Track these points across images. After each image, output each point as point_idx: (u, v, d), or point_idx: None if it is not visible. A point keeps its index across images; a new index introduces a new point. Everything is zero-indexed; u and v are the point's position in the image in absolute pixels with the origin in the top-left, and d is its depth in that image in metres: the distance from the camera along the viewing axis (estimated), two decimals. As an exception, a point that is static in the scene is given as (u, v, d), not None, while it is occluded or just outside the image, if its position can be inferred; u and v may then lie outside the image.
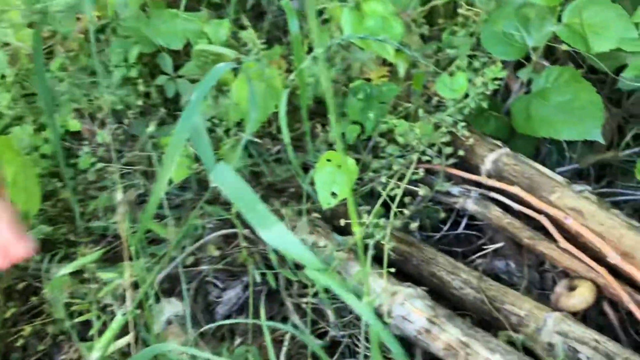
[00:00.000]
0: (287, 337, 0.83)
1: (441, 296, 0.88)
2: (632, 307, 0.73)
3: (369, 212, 0.93)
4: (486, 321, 0.83)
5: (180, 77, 1.16)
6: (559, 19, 1.00)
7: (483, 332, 0.74)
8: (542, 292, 0.87)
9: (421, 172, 0.96)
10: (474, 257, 0.93)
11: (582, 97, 0.96)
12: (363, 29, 0.92)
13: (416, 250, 0.90)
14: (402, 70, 0.98)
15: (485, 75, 0.91)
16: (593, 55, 0.98)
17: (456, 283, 0.85)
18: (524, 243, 0.86)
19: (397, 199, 0.91)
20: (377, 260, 0.87)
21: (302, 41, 1.13)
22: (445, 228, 0.97)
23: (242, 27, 1.12)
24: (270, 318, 0.86)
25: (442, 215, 0.97)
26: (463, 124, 0.95)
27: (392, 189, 0.92)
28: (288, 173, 1.02)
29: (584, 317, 0.84)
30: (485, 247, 0.92)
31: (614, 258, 0.76)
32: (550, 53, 1.20)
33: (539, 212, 0.86)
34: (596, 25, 0.93)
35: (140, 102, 1.15)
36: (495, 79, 0.92)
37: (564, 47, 0.96)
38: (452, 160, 0.98)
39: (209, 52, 1.15)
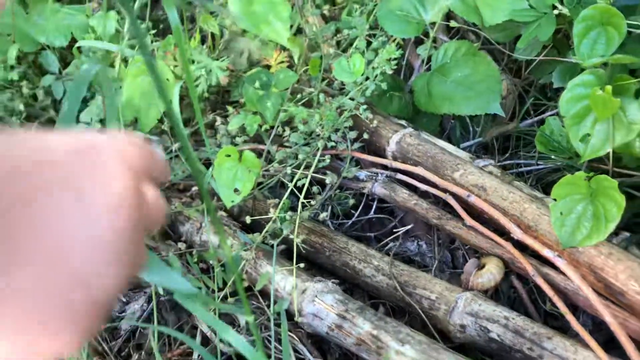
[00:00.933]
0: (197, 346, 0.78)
1: (356, 286, 0.87)
2: (538, 279, 0.74)
3: (276, 206, 0.90)
4: (401, 307, 0.82)
5: (69, 76, 1.08)
6: (453, -7, 0.98)
7: (394, 322, 0.72)
8: (454, 271, 0.87)
9: (327, 159, 0.93)
10: (386, 240, 0.92)
11: (480, 71, 0.95)
12: (251, 13, 0.87)
13: (327, 241, 0.87)
14: (296, 56, 0.94)
15: (381, 56, 0.89)
16: (487, 27, 0.97)
17: (368, 271, 0.83)
18: (432, 223, 0.85)
19: (304, 189, 0.88)
20: (289, 254, 0.84)
21: (187, 31, 1.07)
22: (357, 214, 0.95)
23: (141, 19, 1.05)
24: (178, 328, 0.82)
25: (352, 201, 0.95)
26: (364, 106, 0.93)
27: (300, 179, 0.89)
28: (189, 171, 0.97)
29: (496, 292, 0.85)
30: (396, 229, 0.91)
31: (516, 233, 0.76)
32: (451, 28, 1.20)
33: (445, 191, 0.85)
34: (488, -2, 0.93)
35: (22, 107, 1.06)
36: (392, 58, 0.90)
37: (452, 23, 0.96)
38: (358, 145, 0.96)
39: (97, 48, 1.07)
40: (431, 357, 0.66)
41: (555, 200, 0.72)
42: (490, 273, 0.77)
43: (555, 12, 0.89)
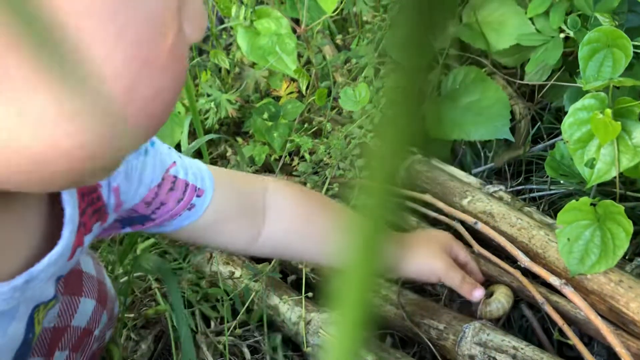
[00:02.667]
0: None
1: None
2: (547, 308, 0.72)
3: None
4: (410, 338, 0.81)
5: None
6: (461, 19, 0.99)
7: (398, 353, 0.71)
8: (465, 300, 0.85)
9: (336, 188, 0.93)
10: (397, 269, 0.91)
11: (489, 96, 0.95)
12: (258, 47, 0.89)
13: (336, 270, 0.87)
14: (303, 86, 0.95)
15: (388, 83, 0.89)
16: (495, 52, 0.97)
17: (376, 300, 0.82)
18: (441, 252, 0.84)
19: (313, 219, 0.88)
20: (298, 284, 0.84)
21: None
22: (367, 242, 0.94)
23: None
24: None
25: (362, 229, 0.94)
26: (371, 133, 0.93)
27: (308, 209, 0.89)
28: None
29: (508, 321, 0.83)
30: (406, 258, 0.90)
31: (523, 261, 0.74)
32: (462, 54, 1.19)
33: (453, 218, 0.84)
34: (493, 23, 0.93)
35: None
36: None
37: (451, 51, 0.96)
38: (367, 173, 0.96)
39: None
40: (433, 390, 0.65)
41: (562, 226, 0.70)
42: (499, 301, 0.75)
43: (563, 35, 0.88)
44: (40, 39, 0.19)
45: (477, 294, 0.74)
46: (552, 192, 0.90)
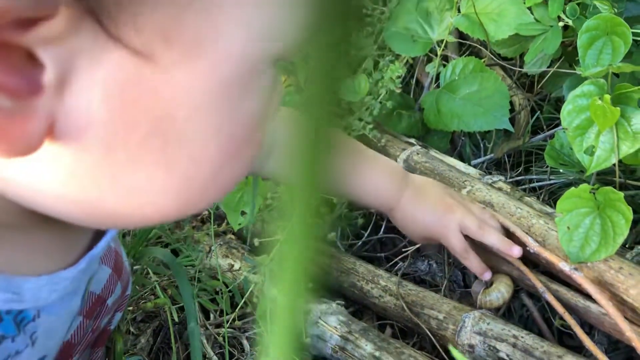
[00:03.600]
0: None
1: (365, 307, 0.86)
2: (548, 296, 0.71)
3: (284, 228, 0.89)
4: (410, 328, 0.81)
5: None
6: (459, 10, 0.98)
7: (398, 343, 0.71)
8: (465, 290, 0.85)
9: (335, 180, 0.93)
10: (396, 259, 0.91)
11: (488, 87, 0.94)
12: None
13: (335, 262, 0.86)
14: (302, 79, 0.95)
15: (386, 75, 0.89)
16: (494, 42, 0.97)
17: (376, 292, 0.82)
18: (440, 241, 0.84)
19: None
20: (297, 276, 0.84)
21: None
22: (366, 234, 0.94)
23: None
24: (187, 356, 0.82)
25: (361, 220, 0.94)
26: (371, 125, 0.93)
27: (306, 201, 0.89)
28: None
29: (508, 311, 0.83)
30: (405, 249, 0.90)
31: (533, 246, 0.74)
32: (462, 45, 1.19)
33: (453, 208, 0.84)
34: (492, 13, 0.92)
35: None
36: (396, 77, 0.90)
37: (449, 39, 0.95)
38: (366, 164, 0.96)
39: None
40: (433, 378, 0.64)
41: (561, 214, 0.70)
42: (498, 291, 0.75)
43: (561, 24, 0.88)
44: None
45: (487, 275, 0.75)
46: (552, 182, 0.89)
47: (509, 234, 0.76)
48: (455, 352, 0.22)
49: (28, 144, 0.24)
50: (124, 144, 0.26)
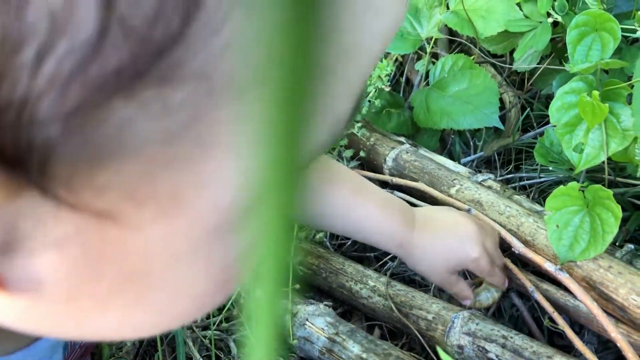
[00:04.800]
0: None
1: (354, 308, 0.85)
2: (537, 296, 0.71)
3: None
4: (399, 329, 0.80)
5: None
6: (448, 7, 0.97)
7: (385, 344, 0.70)
8: (454, 290, 0.84)
9: (324, 179, 0.92)
10: (385, 258, 0.90)
11: (477, 84, 0.94)
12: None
13: (324, 262, 0.85)
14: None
15: (374, 73, 0.88)
16: (483, 39, 0.96)
17: (364, 292, 0.81)
18: (430, 241, 0.83)
19: (300, 210, 0.87)
20: (286, 277, 0.83)
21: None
22: (356, 234, 0.93)
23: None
24: (173, 359, 0.81)
25: (351, 221, 0.93)
26: (359, 124, 0.92)
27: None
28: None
29: (499, 311, 0.82)
30: (395, 249, 0.89)
31: (517, 247, 0.73)
32: (452, 43, 1.18)
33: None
34: (480, 9, 0.91)
35: None
36: (384, 75, 0.89)
37: (438, 35, 0.94)
38: (355, 163, 0.95)
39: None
40: (420, 380, 0.63)
41: (551, 212, 0.69)
42: (488, 291, 0.74)
43: (551, 20, 0.87)
44: None
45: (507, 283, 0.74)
46: (542, 179, 0.89)
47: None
48: (442, 354, 0.21)
49: None
50: (89, 295, 0.22)
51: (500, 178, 0.92)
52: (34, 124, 0.15)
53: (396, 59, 1.12)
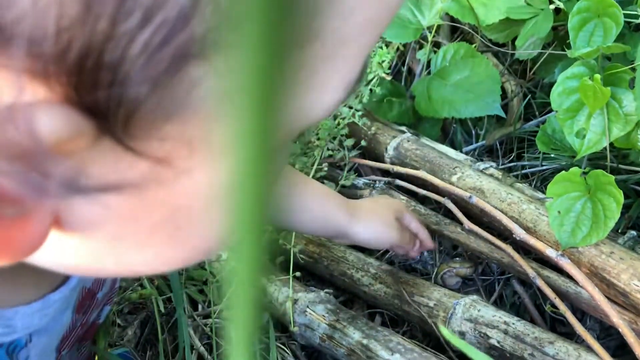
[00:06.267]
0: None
1: (355, 295, 0.84)
2: (539, 282, 0.70)
3: (273, 217, 0.88)
4: (400, 316, 0.80)
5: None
6: (449, -5, 0.97)
7: (386, 331, 0.69)
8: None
9: (325, 168, 0.92)
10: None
11: (479, 72, 0.93)
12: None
13: (325, 250, 0.85)
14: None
15: (374, 59, 0.88)
16: (485, 27, 0.95)
17: (366, 280, 0.80)
18: (431, 229, 0.83)
19: (302, 199, 0.87)
20: (287, 265, 0.83)
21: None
22: (357, 223, 0.93)
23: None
24: (174, 348, 0.81)
25: (352, 210, 0.93)
26: (360, 113, 0.91)
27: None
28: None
29: (500, 298, 0.82)
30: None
31: (518, 233, 0.73)
32: (454, 31, 1.18)
33: (443, 195, 0.83)
34: (482, -3, 0.91)
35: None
36: (384, 62, 0.88)
37: (439, 22, 0.94)
38: (356, 152, 0.95)
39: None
40: (421, 365, 0.63)
41: (552, 199, 0.69)
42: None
43: (552, 6, 0.86)
44: None
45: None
46: (544, 167, 0.88)
47: (496, 221, 0.75)
48: (445, 332, 0.21)
49: (30, 246, 0.22)
50: (133, 233, 0.25)
51: (502, 167, 0.92)
52: (126, 83, 0.17)
53: (397, 48, 1.12)
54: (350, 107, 0.93)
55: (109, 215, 0.23)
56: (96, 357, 0.77)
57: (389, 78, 1.00)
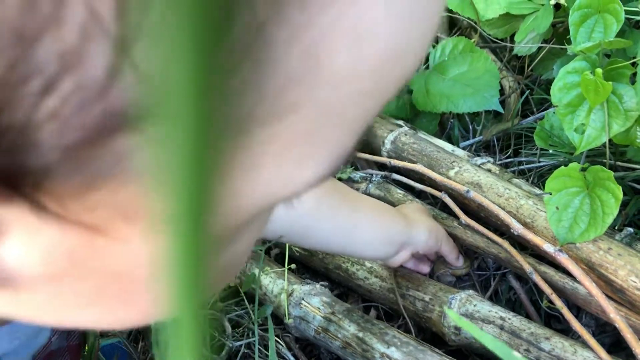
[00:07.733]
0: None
1: (350, 289, 0.84)
2: (536, 277, 0.70)
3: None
4: (395, 310, 0.79)
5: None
6: (449, -11, 0.96)
7: (382, 324, 0.69)
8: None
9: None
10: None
11: (478, 67, 0.93)
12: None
13: (320, 244, 0.85)
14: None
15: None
16: (485, 22, 0.95)
17: (361, 273, 0.80)
18: (428, 224, 0.82)
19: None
20: (282, 258, 0.82)
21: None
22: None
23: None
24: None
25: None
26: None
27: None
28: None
29: (496, 294, 0.81)
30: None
31: (516, 228, 0.72)
32: (453, 26, 1.17)
33: (440, 189, 0.82)
34: (482, -9, 0.90)
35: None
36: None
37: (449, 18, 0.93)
38: (353, 145, 0.94)
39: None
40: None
41: (550, 194, 0.68)
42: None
43: (553, 2, 0.86)
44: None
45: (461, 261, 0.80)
46: (541, 164, 0.88)
47: (494, 216, 0.75)
48: (451, 313, 0.20)
49: None
50: (72, 293, 0.23)
51: (499, 162, 0.91)
52: (33, 149, 0.16)
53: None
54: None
55: (38, 275, 0.21)
56: (86, 347, 0.76)
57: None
